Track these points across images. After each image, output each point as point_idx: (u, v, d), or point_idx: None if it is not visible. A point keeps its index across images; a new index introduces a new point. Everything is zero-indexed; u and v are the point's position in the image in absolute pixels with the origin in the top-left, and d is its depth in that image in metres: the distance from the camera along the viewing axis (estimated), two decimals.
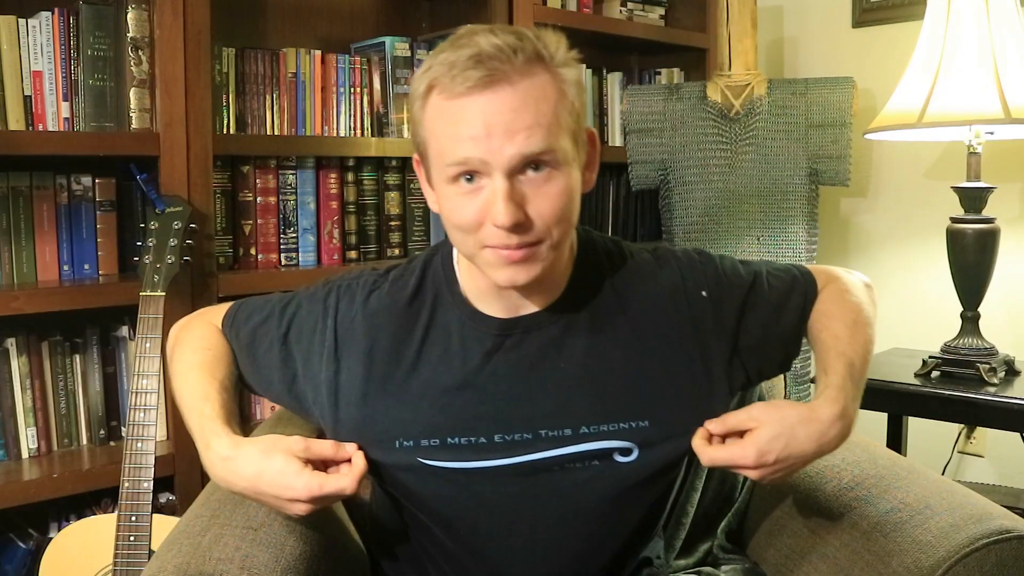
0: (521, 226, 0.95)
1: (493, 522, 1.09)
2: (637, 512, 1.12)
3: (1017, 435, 2.08)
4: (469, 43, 0.94)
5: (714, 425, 1.04)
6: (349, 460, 1.05)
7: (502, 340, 1.07)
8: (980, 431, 2.41)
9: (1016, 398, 1.82)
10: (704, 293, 1.12)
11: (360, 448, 1.07)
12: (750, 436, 1.00)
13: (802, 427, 1.00)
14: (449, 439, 1.06)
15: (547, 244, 0.98)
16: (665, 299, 1.11)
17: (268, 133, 1.95)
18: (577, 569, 1.11)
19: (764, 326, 1.14)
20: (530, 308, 1.07)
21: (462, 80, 0.93)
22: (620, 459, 1.07)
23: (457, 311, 1.08)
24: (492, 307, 1.07)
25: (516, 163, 0.94)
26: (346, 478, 1.02)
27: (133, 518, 1.49)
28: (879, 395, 1.98)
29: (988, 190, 1.95)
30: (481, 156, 0.94)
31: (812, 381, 2.21)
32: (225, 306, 1.23)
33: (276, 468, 1.00)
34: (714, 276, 1.14)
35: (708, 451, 1.03)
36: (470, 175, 0.96)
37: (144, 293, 1.58)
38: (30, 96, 1.65)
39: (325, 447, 1.04)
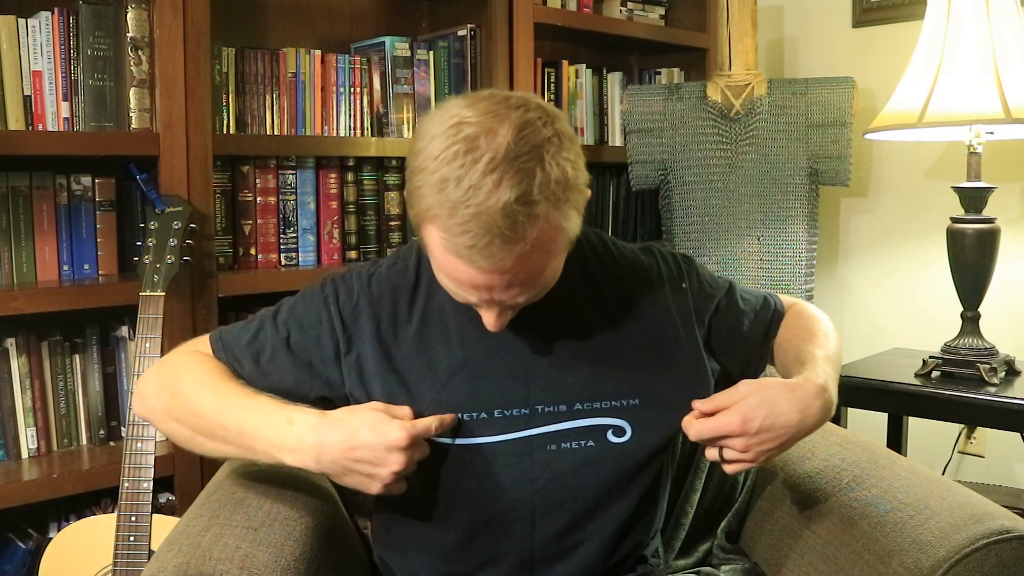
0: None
1: (491, 506, 1.10)
2: (631, 498, 1.14)
3: (1017, 435, 2.08)
4: (472, 195, 0.90)
5: (702, 403, 1.07)
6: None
7: None
8: (980, 431, 2.41)
9: (1016, 398, 1.82)
10: (684, 285, 1.21)
11: None
12: (735, 404, 1.04)
13: (785, 395, 1.04)
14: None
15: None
16: (650, 284, 1.19)
17: (268, 133, 1.95)
18: (574, 560, 1.13)
19: (732, 328, 1.23)
20: None
21: (468, 257, 0.93)
22: (614, 439, 1.11)
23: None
24: None
25: (510, 305, 1.02)
26: (434, 419, 1.04)
27: (133, 518, 1.49)
28: (879, 395, 1.98)
29: (988, 190, 1.95)
30: (476, 302, 1.02)
31: None
32: (200, 338, 1.21)
33: (367, 419, 1.01)
34: (696, 276, 1.24)
35: (695, 425, 1.06)
36: None
37: (144, 293, 1.59)
38: (30, 96, 1.65)
39: (403, 409, 1.06)
